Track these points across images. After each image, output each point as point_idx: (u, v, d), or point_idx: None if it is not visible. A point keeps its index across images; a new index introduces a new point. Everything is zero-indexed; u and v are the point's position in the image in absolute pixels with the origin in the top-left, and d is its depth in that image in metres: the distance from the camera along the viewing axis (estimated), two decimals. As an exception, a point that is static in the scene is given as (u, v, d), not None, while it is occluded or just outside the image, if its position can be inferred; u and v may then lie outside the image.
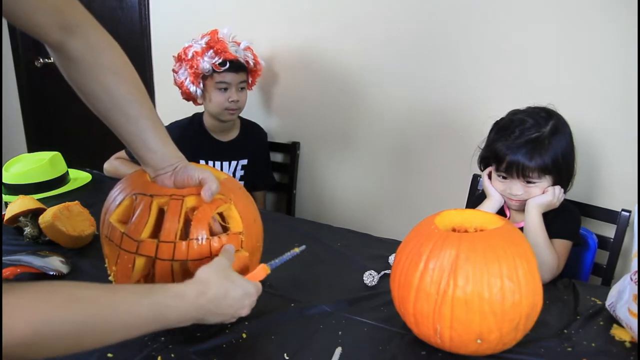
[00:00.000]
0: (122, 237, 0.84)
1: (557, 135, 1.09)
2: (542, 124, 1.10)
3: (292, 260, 0.93)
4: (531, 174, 1.09)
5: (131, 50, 2.31)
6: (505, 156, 1.10)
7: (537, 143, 1.08)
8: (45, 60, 2.48)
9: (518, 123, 1.11)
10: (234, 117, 1.71)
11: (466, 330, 0.75)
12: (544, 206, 1.10)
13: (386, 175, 1.75)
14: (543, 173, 1.09)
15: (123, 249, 0.84)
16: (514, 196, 1.13)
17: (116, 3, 2.22)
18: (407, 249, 0.82)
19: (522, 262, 0.76)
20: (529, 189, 1.11)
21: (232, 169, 1.77)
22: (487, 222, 0.87)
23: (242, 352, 0.81)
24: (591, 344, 0.84)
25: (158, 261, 0.82)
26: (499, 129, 1.16)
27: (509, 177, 1.12)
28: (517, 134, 1.10)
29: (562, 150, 1.09)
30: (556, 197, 1.10)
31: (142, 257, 0.83)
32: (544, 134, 1.09)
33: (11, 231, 1.21)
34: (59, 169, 1.52)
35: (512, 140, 1.10)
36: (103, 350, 0.79)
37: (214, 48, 1.58)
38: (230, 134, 1.77)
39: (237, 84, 1.64)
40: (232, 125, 1.78)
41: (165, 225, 0.82)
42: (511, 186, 1.12)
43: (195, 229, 0.83)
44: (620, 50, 1.26)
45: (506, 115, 1.18)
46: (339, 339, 0.85)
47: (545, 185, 1.11)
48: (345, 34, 1.68)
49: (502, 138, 1.12)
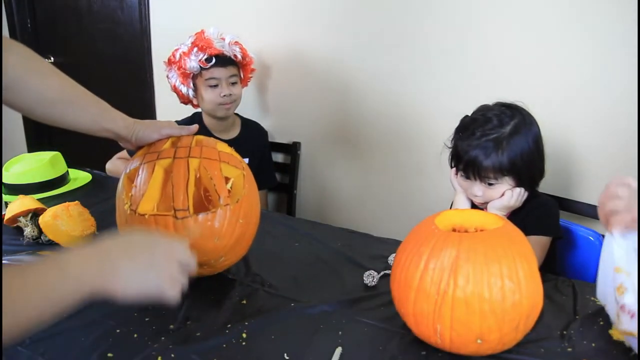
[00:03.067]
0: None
1: (517, 135, 1.07)
2: (504, 124, 1.08)
3: (292, 260, 0.93)
4: (488, 175, 1.07)
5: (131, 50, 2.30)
6: (464, 155, 1.09)
7: (494, 143, 1.06)
8: (45, 60, 2.49)
9: (481, 123, 1.10)
10: (230, 113, 1.70)
11: (466, 330, 0.75)
12: (504, 209, 1.10)
13: (387, 175, 1.75)
14: (500, 174, 1.07)
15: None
16: (475, 197, 1.13)
17: (116, 3, 2.22)
18: (407, 249, 0.82)
19: (523, 262, 0.76)
20: (489, 191, 1.10)
21: None
22: (487, 222, 0.87)
23: (242, 352, 0.81)
24: (591, 344, 0.84)
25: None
26: (461, 127, 1.15)
27: (468, 177, 1.12)
28: (477, 135, 1.08)
29: (521, 150, 1.07)
30: (515, 199, 1.09)
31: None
32: (502, 135, 1.07)
33: (11, 231, 1.21)
34: (59, 169, 1.52)
35: (471, 140, 1.09)
36: (103, 351, 0.80)
37: (198, 46, 1.60)
38: (230, 133, 1.77)
39: (227, 78, 1.64)
40: (232, 123, 1.78)
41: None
42: (472, 186, 1.12)
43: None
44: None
45: (473, 112, 1.16)
46: (339, 339, 0.85)
47: (505, 187, 1.09)
48: (345, 34, 1.68)
49: (463, 137, 1.11)
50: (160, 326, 0.87)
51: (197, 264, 0.78)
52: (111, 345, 0.81)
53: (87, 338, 0.83)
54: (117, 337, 0.84)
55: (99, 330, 0.85)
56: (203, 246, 0.88)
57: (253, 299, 0.97)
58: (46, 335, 0.83)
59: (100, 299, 0.62)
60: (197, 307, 0.93)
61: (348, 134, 1.78)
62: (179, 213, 0.86)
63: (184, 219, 0.86)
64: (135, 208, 0.88)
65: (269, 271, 1.07)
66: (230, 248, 0.93)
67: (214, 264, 0.95)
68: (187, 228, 0.86)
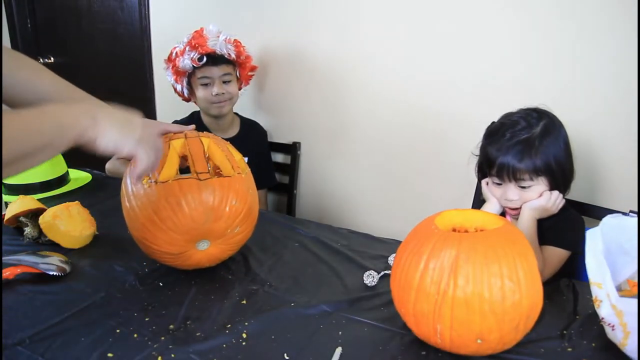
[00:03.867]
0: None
1: (549, 136, 1.07)
2: (533, 125, 1.08)
3: (293, 260, 0.93)
4: (522, 176, 1.07)
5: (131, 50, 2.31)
6: (496, 159, 1.08)
7: (526, 144, 1.06)
8: (45, 61, 2.48)
9: (509, 126, 1.10)
10: (224, 111, 1.68)
11: (466, 330, 0.75)
12: (539, 210, 1.08)
13: (387, 175, 1.75)
14: (535, 175, 1.07)
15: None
16: (510, 202, 1.11)
17: (116, 3, 2.22)
18: (407, 249, 0.82)
19: (523, 262, 0.76)
20: (524, 194, 1.09)
21: None
22: (487, 222, 0.87)
23: (242, 352, 0.81)
24: (591, 344, 0.84)
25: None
26: (489, 133, 1.14)
27: (502, 181, 1.10)
28: (507, 136, 1.08)
29: (554, 152, 1.07)
30: (552, 201, 1.08)
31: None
32: (534, 135, 1.07)
33: (11, 231, 1.21)
34: (59, 169, 1.52)
35: (502, 142, 1.08)
36: (103, 351, 0.80)
37: (191, 44, 1.60)
38: (229, 131, 1.77)
39: (220, 77, 1.64)
40: (231, 122, 1.77)
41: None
42: (506, 191, 1.10)
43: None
44: (619, 49, 1.26)
45: (498, 119, 1.16)
46: (339, 339, 0.85)
47: (540, 189, 1.09)
48: (346, 34, 1.68)
49: (493, 142, 1.11)
50: (160, 326, 0.87)
51: (214, 237, 0.97)
52: (111, 345, 0.81)
53: (87, 338, 0.83)
54: (117, 337, 0.84)
55: (99, 330, 0.85)
56: (222, 210, 0.96)
57: (253, 299, 0.97)
58: (46, 335, 0.83)
59: (83, 144, 0.71)
60: (197, 307, 0.93)
61: (348, 134, 1.78)
62: (201, 175, 0.95)
63: (206, 180, 0.95)
64: (156, 179, 0.94)
65: (269, 271, 1.08)
66: (244, 217, 1.00)
67: (229, 236, 1.00)
68: (210, 187, 0.95)
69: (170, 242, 0.95)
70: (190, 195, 0.93)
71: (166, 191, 0.93)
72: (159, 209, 0.93)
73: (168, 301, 0.95)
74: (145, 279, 1.02)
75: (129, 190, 0.98)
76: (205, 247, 1.00)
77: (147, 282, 1.01)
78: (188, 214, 0.93)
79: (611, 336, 0.81)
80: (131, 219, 0.97)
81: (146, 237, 0.96)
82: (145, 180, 0.95)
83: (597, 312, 0.82)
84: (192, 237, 0.96)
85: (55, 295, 0.95)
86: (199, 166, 0.98)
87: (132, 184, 0.97)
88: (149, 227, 0.94)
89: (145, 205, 0.94)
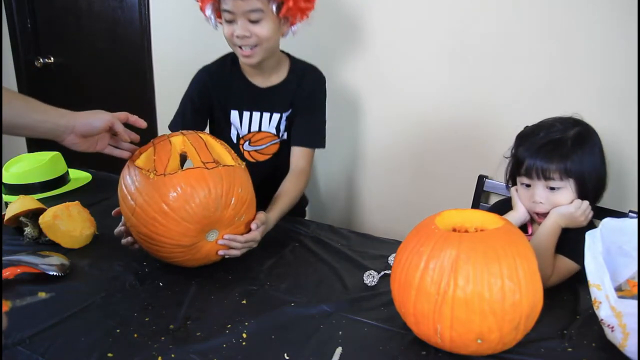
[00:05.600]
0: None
1: (584, 142, 1.06)
2: (568, 129, 1.07)
3: (293, 260, 0.93)
4: (552, 175, 1.04)
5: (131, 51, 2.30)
6: (526, 157, 1.07)
7: (559, 143, 1.04)
8: (45, 61, 2.48)
9: (544, 127, 1.09)
10: (251, 61, 1.25)
11: (466, 330, 0.75)
12: (566, 217, 1.05)
13: (387, 175, 1.74)
14: (565, 175, 1.04)
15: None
16: (537, 205, 1.08)
17: (116, 3, 2.21)
18: (407, 249, 0.82)
19: (523, 262, 0.76)
20: (552, 197, 1.06)
21: (273, 124, 1.38)
22: (488, 222, 0.87)
23: (242, 352, 0.81)
24: (591, 344, 0.84)
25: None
26: (522, 135, 1.12)
27: (531, 180, 1.08)
28: (541, 135, 1.07)
29: (588, 158, 1.05)
30: (582, 211, 1.05)
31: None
32: (567, 136, 1.05)
33: (11, 231, 1.21)
34: (59, 169, 1.52)
35: (535, 141, 1.07)
36: (103, 351, 0.80)
37: None
38: (271, 78, 1.36)
39: (244, 13, 1.18)
40: (276, 66, 1.36)
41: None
42: (534, 191, 1.08)
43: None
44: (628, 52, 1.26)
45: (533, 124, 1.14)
46: (339, 339, 0.85)
47: (568, 193, 1.06)
48: (347, 34, 1.68)
49: (525, 142, 1.10)
50: (160, 326, 0.87)
51: (223, 226, 1.01)
52: (111, 345, 0.81)
53: (87, 338, 0.83)
54: (117, 337, 0.84)
55: (99, 330, 0.85)
56: (230, 197, 0.99)
57: (253, 299, 0.97)
58: (46, 335, 0.83)
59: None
60: (197, 307, 0.93)
61: (348, 135, 1.78)
62: (207, 165, 0.99)
63: (213, 169, 0.98)
64: (164, 171, 0.97)
65: (269, 271, 1.08)
66: (248, 205, 1.04)
67: (236, 224, 1.04)
68: (218, 175, 0.98)
69: (183, 233, 0.96)
70: (201, 183, 0.96)
71: (176, 181, 0.95)
72: (170, 199, 0.94)
73: (168, 301, 0.95)
74: (145, 279, 1.02)
75: (131, 189, 0.98)
76: (215, 237, 1.01)
77: (147, 282, 1.01)
78: (200, 202, 0.95)
79: (611, 337, 0.81)
80: (138, 217, 0.96)
81: (157, 231, 0.96)
82: (151, 175, 0.96)
83: (597, 314, 0.82)
84: (203, 226, 0.98)
85: (55, 295, 0.94)
86: (204, 156, 1.01)
87: (134, 180, 0.98)
88: (161, 220, 0.94)
89: (154, 198, 0.94)
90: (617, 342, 0.79)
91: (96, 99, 2.40)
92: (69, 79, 2.47)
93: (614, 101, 1.31)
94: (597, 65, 1.31)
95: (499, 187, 1.44)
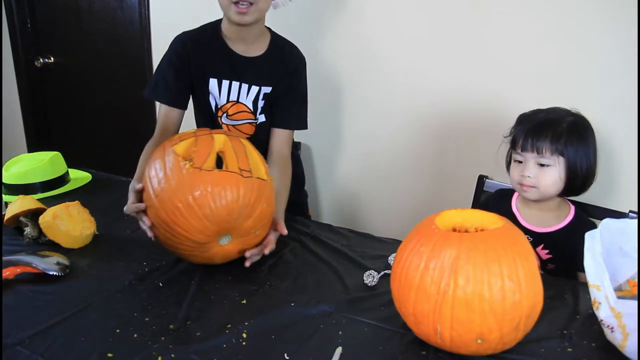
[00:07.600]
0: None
1: (578, 129, 1.12)
2: (565, 115, 1.15)
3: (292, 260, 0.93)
4: (544, 148, 1.11)
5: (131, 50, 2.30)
6: (523, 132, 1.14)
7: (556, 123, 1.12)
8: (45, 61, 2.48)
9: (544, 111, 1.17)
10: (245, 19, 1.23)
11: (466, 330, 0.75)
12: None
13: (387, 175, 1.74)
14: (557, 152, 1.11)
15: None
16: (525, 178, 1.14)
17: (116, 3, 2.22)
18: (407, 249, 0.82)
19: (523, 262, 0.76)
20: (540, 173, 1.13)
21: (251, 97, 1.35)
22: (488, 222, 0.87)
23: (242, 352, 0.81)
24: (591, 344, 0.84)
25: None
26: (523, 116, 1.19)
27: (524, 154, 1.14)
28: (540, 115, 1.15)
29: (581, 144, 1.12)
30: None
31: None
32: (564, 118, 1.13)
33: (11, 231, 1.21)
34: (59, 169, 1.52)
35: (534, 120, 1.15)
36: (103, 351, 0.80)
37: None
38: (252, 48, 1.34)
39: None
40: (257, 37, 1.34)
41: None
42: (525, 166, 1.14)
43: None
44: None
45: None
46: (339, 339, 0.85)
47: (556, 173, 1.12)
48: (347, 34, 1.68)
49: (524, 121, 1.17)
50: (160, 326, 0.87)
51: (238, 235, 1.01)
52: (111, 345, 0.81)
53: (87, 338, 0.83)
54: (117, 337, 0.84)
55: (99, 330, 0.85)
56: (255, 209, 1.00)
57: (253, 299, 0.97)
58: (46, 335, 0.83)
59: None
60: (197, 307, 0.93)
61: (348, 135, 1.78)
62: (244, 172, 1.00)
63: (248, 177, 1.00)
64: (200, 165, 0.97)
65: (269, 271, 1.08)
66: (267, 221, 1.06)
67: (251, 236, 1.04)
68: (250, 185, 0.99)
69: (201, 230, 0.96)
70: (233, 188, 0.96)
71: (210, 178, 0.96)
72: (199, 194, 0.94)
73: (168, 301, 0.95)
74: (145, 279, 1.02)
75: (161, 171, 0.98)
76: (226, 242, 1.02)
77: (147, 282, 1.01)
78: (227, 205, 0.95)
79: (610, 338, 0.81)
80: (161, 201, 0.96)
81: (176, 221, 0.96)
82: (187, 165, 0.97)
83: (596, 315, 0.82)
84: (221, 229, 0.98)
85: (55, 295, 0.95)
86: (242, 164, 1.02)
87: (168, 164, 0.98)
88: (184, 211, 0.95)
89: (182, 188, 0.95)
90: (617, 343, 0.79)
91: (96, 99, 2.40)
92: (69, 79, 2.46)
93: (615, 101, 1.31)
94: (598, 65, 1.32)
95: (499, 187, 1.43)
